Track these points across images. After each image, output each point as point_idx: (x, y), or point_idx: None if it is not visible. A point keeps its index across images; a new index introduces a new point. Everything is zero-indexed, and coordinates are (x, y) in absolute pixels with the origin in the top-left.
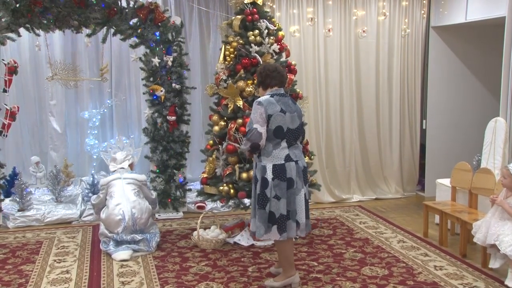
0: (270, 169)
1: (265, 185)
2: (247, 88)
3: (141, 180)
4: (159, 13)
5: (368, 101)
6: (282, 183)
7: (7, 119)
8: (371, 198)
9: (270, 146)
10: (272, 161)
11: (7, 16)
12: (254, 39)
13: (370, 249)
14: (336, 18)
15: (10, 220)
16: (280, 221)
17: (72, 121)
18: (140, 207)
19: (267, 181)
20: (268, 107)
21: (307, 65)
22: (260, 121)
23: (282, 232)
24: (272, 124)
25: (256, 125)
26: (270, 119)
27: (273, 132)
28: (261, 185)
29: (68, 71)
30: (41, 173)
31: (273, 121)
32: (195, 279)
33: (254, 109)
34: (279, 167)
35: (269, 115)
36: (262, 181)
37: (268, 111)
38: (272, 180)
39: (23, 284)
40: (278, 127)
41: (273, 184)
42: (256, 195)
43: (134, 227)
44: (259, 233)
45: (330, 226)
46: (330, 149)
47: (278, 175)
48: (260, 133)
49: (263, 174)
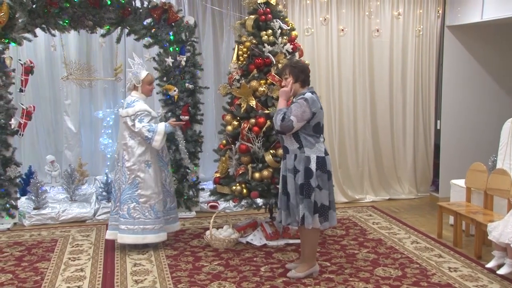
0: (314, 160)
1: (309, 175)
2: (260, 88)
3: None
4: (172, 13)
5: (382, 100)
6: (323, 175)
7: (23, 119)
8: (384, 199)
9: (312, 139)
10: (315, 153)
11: (24, 17)
12: (267, 39)
13: (383, 250)
14: (350, 17)
15: (26, 218)
16: (322, 211)
17: (87, 120)
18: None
19: (311, 171)
20: (312, 105)
21: (320, 64)
22: (299, 117)
23: (324, 221)
24: (313, 120)
25: (293, 118)
26: (314, 116)
27: (313, 128)
28: (304, 175)
29: (83, 71)
30: (56, 172)
31: (315, 118)
32: (207, 278)
33: (300, 105)
34: (321, 159)
35: (313, 112)
36: (306, 171)
37: (313, 109)
38: (315, 171)
39: (39, 282)
40: (317, 123)
41: (316, 175)
42: (297, 185)
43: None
44: (307, 222)
45: (343, 226)
46: (343, 149)
47: (321, 167)
48: (293, 127)
49: (307, 164)
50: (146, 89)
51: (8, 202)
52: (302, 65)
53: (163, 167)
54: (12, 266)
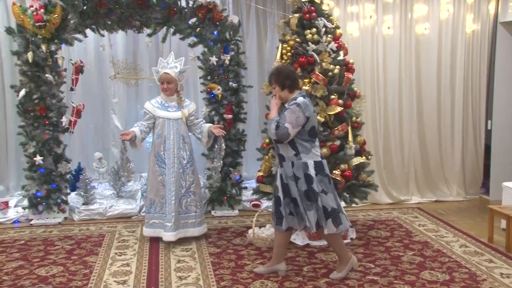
0: (312, 165)
1: (310, 181)
2: (304, 87)
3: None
4: (217, 13)
5: (429, 100)
6: (324, 179)
7: (74, 116)
8: (430, 200)
9: (308, 144)
10: (312, 158)
11: (75, 18)
12: (312, 38)
13: (429, 253)
14: (397, 15)
15: (76, 213)
16: (334, 215)
17: (133, 118)
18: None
19: (311, 176)
20: (305, 109)
21: (365, 63)
22: (294, 123)
23: (339, 225)
24: (308, 125)
25: (288, 125)
26: (308, 121)
27: (308, 132)
28: (306, 182)
29: (130, 70)
30: (104, 169)
31: (309, 122)
32: (250, 276)
33: (293, 111)
34: (319, 163)
35: (307, 117)
36: (306, 178)
37: (306, 113)
38: (315, 176)
39: (87, 275)
40: (312, 127)
41: (317, 180)
42: (301, 192)
43: None
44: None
45: (388, 227)
46: (388, 149)
47: (320, 171)
48: (289, 134)
49: (305, 170)
50: (160, 88)
51: (59, 197)
52: (286, 71)
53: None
54: (63, 259)
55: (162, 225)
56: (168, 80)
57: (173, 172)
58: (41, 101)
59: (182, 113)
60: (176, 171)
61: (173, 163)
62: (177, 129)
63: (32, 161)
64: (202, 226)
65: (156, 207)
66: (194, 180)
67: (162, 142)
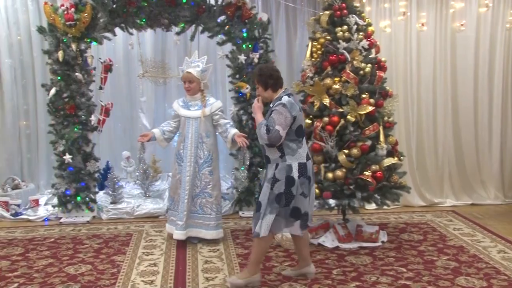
0: (296, 168)
1: (291, 183)
2: (334, 86)
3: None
4: (246, 10)
5: (465, 99)
6: (306, 181)
7: (102, 115)
8: (466, 203)
9: (294, 145)
10: (297, 160)
11: (105, 17)
12: (342, 35)
13: (465, 258)
14: (431, 11)
15: (104, 212)
16: (304, 218)
17: (161, 117)
18: None
19: (293, 179)
20: (292, 108)
21: (397, 61)
22: (284, 124)
23: (303, 229)
24: (295, 124)
25: (278, 127)
26: (295, 120)
27: (295, 132)
28: (285, 184)
29: (158, 69)
30: (131, 168)
31: (296, 122)
32: (278, 279)
33: (280, 111)
34: (303, 165)
35: (294, 116)
36: (288, 180)
37: (293, 112)
38: (298, 178)
39: (115, 274)
40: (299, 126)
41: (299, 182)
42: (273, 195)
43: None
44: (294, 229)
45: (421, 231)
46: (421, 149)
47: (303, 173)
48: (281, 136)
49: (288, 173)
50: (183, 87)
51: (88, 196)
52: (267, 70)
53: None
54: (91, 257)
55: (175, 223)
56: (190, 79)
57: (188, 171)
58: (71, 99)
59: (201, 112)
60: (192, 170)
61: (190, 162)
62: (196, 128)
63: (61, 160)
64: (217, 230)
65: (174, 204)
66: (212, 182)
67: (182, 141)
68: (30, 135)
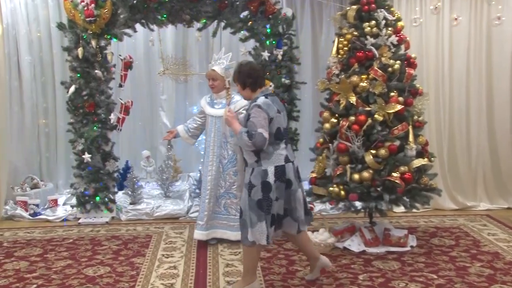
0: (272, 172)
1: (268, 189)
2: (361, 83)
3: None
4: (270, 5)
5: (501, 97)
6: (281, 184)
7: (122, 113)
8: (502, 207)
9: (270, 148)
10: (273, 163)
11: (125, 13)
12: (370, 31)
13: (501, 265)
14: (465, 4)
15: (123, 213)
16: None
17: (181, 115)
18: None
19: (269, 184)
20: (268, 109)
21: (428, 58)
22: (265, 125)
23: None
24: (272, 126)
25: (260, 130)
26: (271, 122)
27: (274, 135)
28: (262, 190)
29: (179, 66)
30: (151, 168)
31: (273, 123)
32: (301, 283)
33: (257, 113)
34: (280, 168)
35: (270, 118)
36: (264, 185)
37: (270, 113)
38: (274, 182)
39: (134, 276)
40: (277, 129)
41: (275, 186)
42: (253, 202)
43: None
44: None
45: (452, 236)
46: (453, 150)
47: (279, 177)
48: (265, 139)
49: (264, 178)
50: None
51: (107, 196)
52: (247, 68)
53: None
54: (110, 259)
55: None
56: (213, 77)
57: (210, 170)
58: (90, 97)
59: (224, 110)
60: (215, 170)
61: (212, 161)
62: (219, 127)
63: (80, 159)
64: None
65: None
66: (236, 182)
67: (206, 139)
68: (49, 134)
